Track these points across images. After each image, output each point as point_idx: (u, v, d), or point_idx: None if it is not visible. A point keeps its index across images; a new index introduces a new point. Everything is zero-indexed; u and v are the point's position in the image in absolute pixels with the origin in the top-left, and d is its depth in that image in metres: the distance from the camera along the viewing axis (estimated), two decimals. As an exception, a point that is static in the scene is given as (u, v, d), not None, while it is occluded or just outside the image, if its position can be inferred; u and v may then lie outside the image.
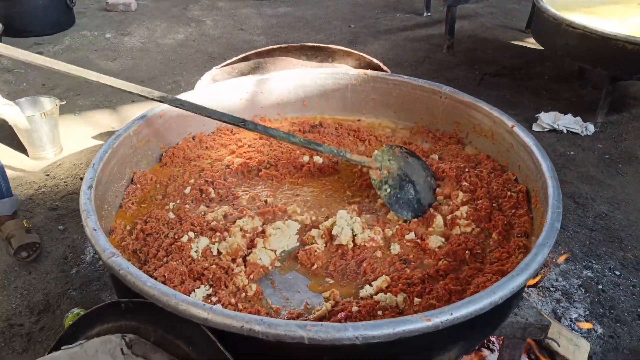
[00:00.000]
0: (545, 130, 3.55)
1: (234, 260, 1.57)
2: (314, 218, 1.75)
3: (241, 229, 1.67)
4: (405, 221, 1.75)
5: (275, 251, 1.63)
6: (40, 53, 4.85)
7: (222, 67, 2.46)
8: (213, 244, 1.62)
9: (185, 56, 4.92)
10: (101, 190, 1.68)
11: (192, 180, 1.92)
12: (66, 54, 4.92)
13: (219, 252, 1.61)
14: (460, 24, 5.38)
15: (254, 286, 1.48)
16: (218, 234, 1.64)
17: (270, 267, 1.58)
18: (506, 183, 1.84)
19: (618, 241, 2.52)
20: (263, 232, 1.68)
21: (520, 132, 1.84)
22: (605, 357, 1.94)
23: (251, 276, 1.53)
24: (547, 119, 3.59)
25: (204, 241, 1.62)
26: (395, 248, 1.63)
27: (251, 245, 1.63)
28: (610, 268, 2.35)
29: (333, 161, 2.05)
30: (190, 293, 1.43)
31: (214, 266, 1.52)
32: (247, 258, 1.58)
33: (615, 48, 3.19)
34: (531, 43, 5.03)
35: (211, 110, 1.93)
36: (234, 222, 1.70)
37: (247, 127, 1.89)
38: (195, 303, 1.14)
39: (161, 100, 1.91)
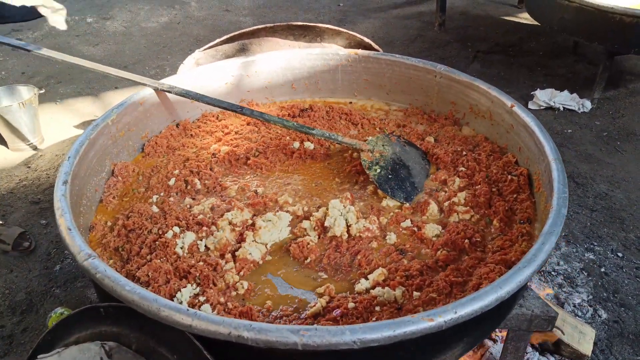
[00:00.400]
0: (542, 108, 3.47)
1: (222, 256, 1.48)
2: (306, 209, 1.65)
3: (230, 223, 1.57)
4: (400, 207, 1.66)
5: (266, 244, 1.54)
6: (19, 40, 4.68)
7: (205, 49, 2.35)
8: (200, 239, 1.53)
9: (170, 39, 4.77)
10: (79, 185, 1.58)
11: (177, 171, 1.82)
12: (46, 40, 4.75)
13: (207, 248, 1.52)
14: (452, 1, 5.25)
15: (245, 283, 1.40)
16: (205, 228, 1.55)
17: (260, 262, 1.49)
18: (506, 166, 1.75)
19: (619, 221, 2.45)
20: (253, 224, 1.58)
21: (520, 111, 1.76)
22: (610, 343, 1.88)
23: (241, 272, 1.44)
24: (543, 96, 3.50)
25: (190, 236, 1.53)
26: (392, 238, 1.54)
27: (240, 239, 1.54)
28: (613, 250, 2.28)
29: (325, 147, 1.96)
30: (177, 293, 1.34)
31: (201, 263, 1.44)
32: (237, 253, 1.49)
33: (613, 21, 3.09)
34: (524, 19, 4.92)
35: (212, 98, 1.91)
36: (221, 215, 1.60)
37: (244, 113, 1.86)
38: (179, 309, 1.05)
39: (169, 90, 1.93)
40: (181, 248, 1.49)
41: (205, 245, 1.52)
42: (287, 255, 1.52)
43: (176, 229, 1.54)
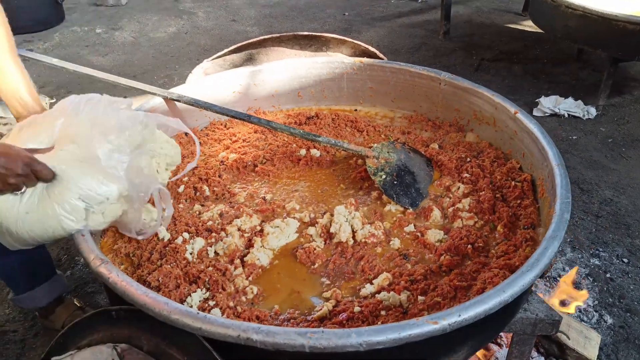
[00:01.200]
0: (547, 115, 3.49)
1: (231, 262, 1.51)
2: (312, 215, 1.68)
3: (239, 229, 1.60)
4: (403, 212, 1.69)
5: (273, 250, 1.57)
6: (29, 50, 4.76)
7: (213, 59, 2.39)
8: (210, 245, 1.55)
9: (178, 49, 4.84)
10: (90, 192, 1.61)
11: (186, 179, 1.85)
12: (56, 51, 4.83)
13: (216, 253, 1.54)
14: (456, 9, 5.29)
15: (255, 288, 1.42)
16: (214, 234, 1.58)
17: (268, 267, 1.52)
18: (510, 172, 1.77)
19: (625, 227, 2.46)
20: (261, 231, 1.61)
21: (523, 118, 1.78)
22: (616, 348, 1.89)
23: (250, 277, 1.47)
24: (548, 103, 3.52)
25: (199, 242, 1.56)
26: (396, 243, 1.57)
27: (249, 244, 1.57)
28: (618, 255, 2.29)
29: (330, 154, 1.99)
30: (187, 298, 1.36)
31: (210, 268, 1.46)
32: (245, 259, 1.51)
33: (616, 29, 3.11)
34: (528, 26, 4.95)
35: (220, 107, 1.94)
36: (230, 222, 1.63)
37: (251, 121, 1.89)
38: (189, 312, 1.08)
39: (178, 100, 1.96)
40: (190, 254, 1.52)
41: (215, 251, 1.54)
42: (294, 260, 1.54)
43: (186, 235, 1.57)
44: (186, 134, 2.08)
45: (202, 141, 2.08)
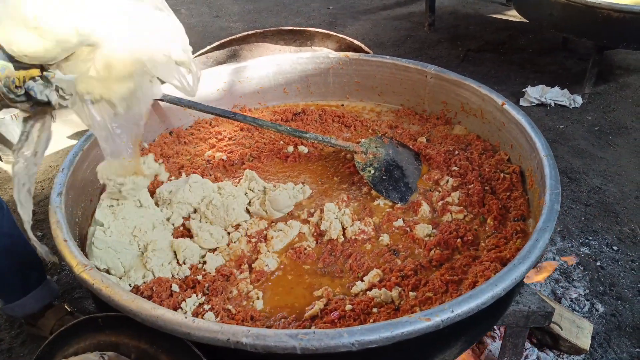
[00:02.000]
0: (533, 104, 3.49)
1: (238, 266, 1.47)
2: (312, 210, 1.65)
3: (246, 233, 1.57)
4: (391, 207, 1.67)
5: (278, 253, 1.53)
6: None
7: (196, 56, 2.35)
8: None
9: (161, 47, 4.77)
10: (73, 195, 1.58)
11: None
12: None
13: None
14: (441, 0, 5.28)
15: (260, 293, 1.39)
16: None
17: (273, 270, 1.48)
18: (499, 164, 1.76)
19: (613, 215, 2.47)
20: (265, 236, 1.58)
21: (511, 109, 1.77)
22: (608, 336, 1.89)
23: (258, 283, 1.43)
24: (534, 93, 3.52)
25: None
26: (385, 238, 1.55)
27: (255, 249, 1.53)
28: (608, 243, 2.30)
29: (318, 149, 1.96)
30: (181, 303, 1.33)
31: (212, 273, 1.42)
32: (253, 265, 1.47)
33: (600, 16, 3.12)
34: (513, 16, 4.95)
35: (205, 105, 1.90)
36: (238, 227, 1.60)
37: (236, 119, 1.86)
38: (176, 316, 1.05)
39: (162, 99, 1.89)
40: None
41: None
42: (286, 259, 1.52)
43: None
44: (171, 133, 2.05)
45: (187, 140, 2.04)
